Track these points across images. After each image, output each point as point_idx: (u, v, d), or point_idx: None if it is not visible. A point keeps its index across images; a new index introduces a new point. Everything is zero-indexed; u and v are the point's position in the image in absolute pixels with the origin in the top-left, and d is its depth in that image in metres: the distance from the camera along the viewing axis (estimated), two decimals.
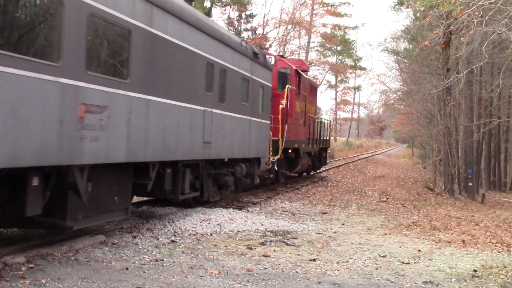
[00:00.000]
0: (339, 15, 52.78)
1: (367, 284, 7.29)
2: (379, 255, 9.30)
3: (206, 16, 12.91)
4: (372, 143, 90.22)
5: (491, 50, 20.09)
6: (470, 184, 27.10)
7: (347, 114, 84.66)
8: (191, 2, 11.67)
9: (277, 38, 43.45)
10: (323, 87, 65.82)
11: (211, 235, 10.38)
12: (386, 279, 7.61)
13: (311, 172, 26.75)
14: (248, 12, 39.57)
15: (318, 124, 25.73)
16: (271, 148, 16.86)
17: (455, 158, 26.60)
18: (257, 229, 11.36)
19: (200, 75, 10.99)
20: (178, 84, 9.99)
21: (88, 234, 9.01)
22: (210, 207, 13.34)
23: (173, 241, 9.48)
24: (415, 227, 13.18)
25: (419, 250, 9.94)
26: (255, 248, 9.33)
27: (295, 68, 19.62)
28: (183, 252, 8.62)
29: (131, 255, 8.10)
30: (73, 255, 7.73)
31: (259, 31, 40.75)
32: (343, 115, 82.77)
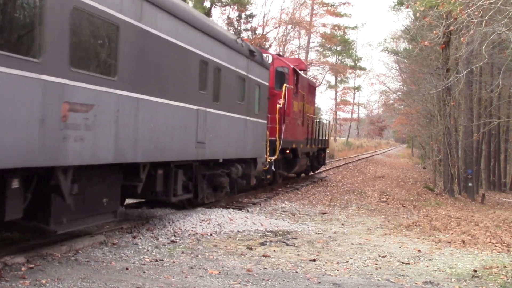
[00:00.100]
0: (339, 15, 52.77)
1: (367, 284, 7.29)
2: (379, 255, 9.31)
3: (200, 13, 12.59)
4: (372, 143, 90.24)
5: (491, 50, 20.08)
6: (470, 184, 27.11)
7: (347, 114, 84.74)
8: None
9: (277, 38, 43.53)
10: (323, 87, 65.83)
11: (211, 235, 10.38)
12: (386, 279, 7.62)
13: (310, 173, 26.50)
14: (248, 12, 39.59)
15: (317, 124, 25.40)
16: (268, 149, 16.61)
17: (455, 158, 26.61)
18: (257, 229, 11.36)
19: (194, 73, 10.71)
20: (170, 82, 9.68)
21: (88, 234, 9.01)
22: (210, 207, 13.32)
23: (173, 241, 9.48)
24: (415, 227, 13.18)
25: (419, 250, 9.94)
26: (255, 248, 9.34)
27: (293, 67, 19.31)
28: (183, 252, 8.62)
29: (131, 255, 8.10)
30: (73, 255, 7.74)
31: (259, 31, 40.82)
32: (343, 115, 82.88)
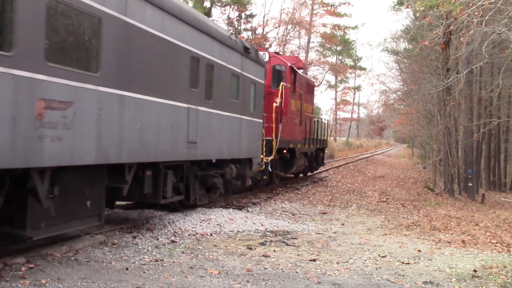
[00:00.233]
0: (339, 15, 52.81)
1: (367, 284, 7.29)
2: (379, 255, 9.31)
3: (192, 8, 12.06)
4: (372, 143, 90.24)
5: (491, 50, 20.10)
6: (470, 184, 27.12)
7: (347, 114, 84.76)
8: None
9: (277, 38, 43.59)
10: (323, 87, 65.97)
11: (211, 235, 10.38)
12: (386, 279, 7.61)
13: (308, 173, 26.19)
14: (248, 12, 39.59)
15: (315, 123, 24.88)
16: (264, 149, 16.26)
17: (455, 158, 26.61)
18: (257, 229, 11.36)
19: (184, 69, 10.24)
20: (158, 79, 9.21)
21: (88, 234, 9.01)
22: (210, 207, 13.31)
23: (173, 241, 9.48)
24: (415, 227, 13.18)
25: (419, 250, 9.94)
26: (255, 248, 9.34)
27: (290, 65, 18.86)
28: (183, 252, 8.62)
29: (131, 255, 8.10)
30: (73, 255, 7.73)
31: (259, 31, 40.84)
32: (343, 115, 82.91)
